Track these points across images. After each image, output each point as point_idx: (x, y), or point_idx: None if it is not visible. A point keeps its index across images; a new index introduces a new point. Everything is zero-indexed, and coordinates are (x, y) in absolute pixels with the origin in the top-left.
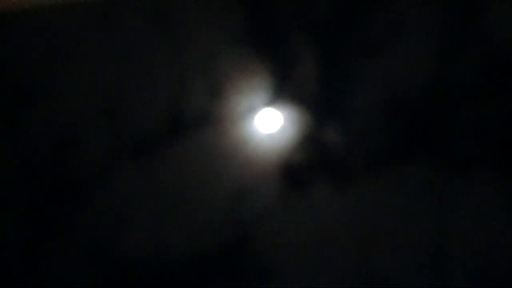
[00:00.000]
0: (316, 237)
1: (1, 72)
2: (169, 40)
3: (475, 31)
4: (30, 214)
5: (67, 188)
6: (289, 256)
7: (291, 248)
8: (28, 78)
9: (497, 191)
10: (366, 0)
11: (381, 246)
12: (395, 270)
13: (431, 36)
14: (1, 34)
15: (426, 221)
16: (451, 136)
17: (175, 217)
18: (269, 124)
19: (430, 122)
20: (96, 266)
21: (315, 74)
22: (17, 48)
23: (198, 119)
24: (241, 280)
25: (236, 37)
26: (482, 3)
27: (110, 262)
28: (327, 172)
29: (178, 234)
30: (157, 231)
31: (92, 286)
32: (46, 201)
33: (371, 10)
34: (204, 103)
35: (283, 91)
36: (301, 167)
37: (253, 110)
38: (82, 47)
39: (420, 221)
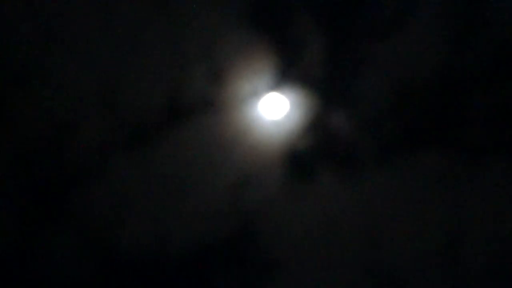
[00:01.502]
0: (322, 227)
1: None
2: (168, 22)
3: (487, 16)
4: (25, 204)
5: (62, 176)
6: (294, 247)
7: (296, 239)
8: (23, 63)
9: (510, 178)
10: None
11: (391, 237)
12: (405, 262)
13: (443, 21)
14: None
15: (437, 211)
16: (463, 123)
17: (175, 207)
18: (273, 110)
19: (442, 109)
20: (93, 258)
21: (322, 58)
22: (11, 31)
23: (199, 105)
24: (245, 272)
25: (239, 18)
26: None
27: (107, 254)
28: (335, 160)
29: (179, 225)
30: (157, 222)
31: (89, 276)
32: (41, 190)
33: None
34: (205, 88)
35: (288, 75)
36: (307, 155)
37: (257, 95)
38: (79, 31)
39: (431, 210)
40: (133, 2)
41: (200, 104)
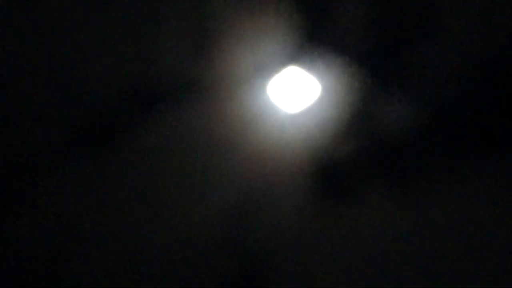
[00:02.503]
0: (367, 271)
1: None
2: None
3: None
4: None
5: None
6: None
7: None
8: None
9: None
10: None
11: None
12: None
13: None
14: None
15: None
16: None
17: (147, 238)
18: (290, 99)
19: None
20: None
21: (364, 18)
22: None
23: (182, 88)
24: None
25: None
26: None
27: None
28: (386, 172)
29: (153, 265)
30: (119, 259)
31: None
32: None
33: None
34: (190, 63)
35: (313, 44)
36: (345, 164)
37: (265, 76)
38: None
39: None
40: None
41: (183, 86)
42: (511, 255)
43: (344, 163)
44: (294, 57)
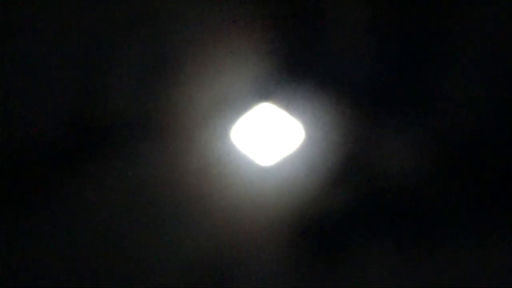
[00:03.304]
0: None
1: None
2: None
3: None
4: None
5: None
6: None
7: None
8: None
9: None
10: None
11: None
12: None
13: None
14: None
15: None
16: None
17: None
18: (262, 147)
19: None
20: None
21: (367, 33)
22: None
23: (130, 130)
24: None
25: None
26: None
27: None
28: (377, 232)
29: None
30: None
31: None
32: None
33: None
34: (139, 102)
35: (292, 78)
36: (338, 220)
37: (229, 115)
38: None
39: None
40: None
41: (132, 128)
42: None
43: (332, 225)
44: (268, 92)
